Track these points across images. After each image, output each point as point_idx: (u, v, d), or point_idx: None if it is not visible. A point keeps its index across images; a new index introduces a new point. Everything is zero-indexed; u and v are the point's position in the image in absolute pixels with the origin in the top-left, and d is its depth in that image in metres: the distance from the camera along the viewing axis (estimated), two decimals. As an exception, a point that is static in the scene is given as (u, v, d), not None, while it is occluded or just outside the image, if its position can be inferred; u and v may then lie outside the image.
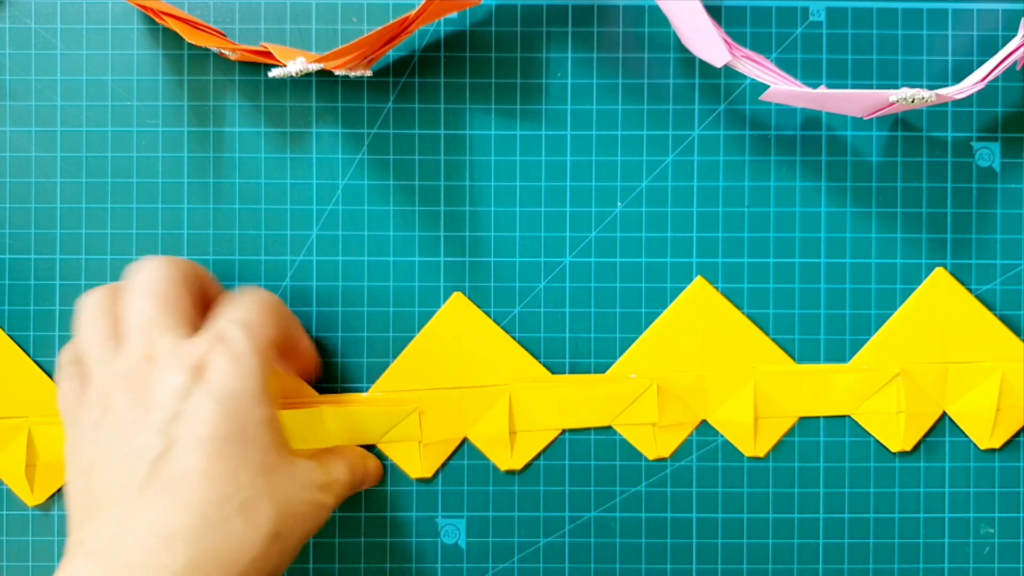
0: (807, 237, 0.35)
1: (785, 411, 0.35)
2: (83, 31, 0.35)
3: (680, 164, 0.35)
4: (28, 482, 0.34)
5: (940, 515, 0.35)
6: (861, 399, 0.35)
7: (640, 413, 0.35)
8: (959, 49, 0.35)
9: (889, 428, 0.35)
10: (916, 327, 0.35)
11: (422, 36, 0.35)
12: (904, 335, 0.35)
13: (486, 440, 0.35)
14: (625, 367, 0.35)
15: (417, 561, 0.35)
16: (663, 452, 0.35)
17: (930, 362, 0.35)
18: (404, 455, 0.35)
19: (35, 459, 0.34)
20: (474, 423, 0.35)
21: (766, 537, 0.35)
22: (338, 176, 0.35)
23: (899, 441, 0.35)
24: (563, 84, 0.35)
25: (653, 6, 0.35)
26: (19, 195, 0.35)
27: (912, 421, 0.35)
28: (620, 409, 0.35)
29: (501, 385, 0.35)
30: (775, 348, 0.35)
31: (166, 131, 0.35)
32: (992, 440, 0.35)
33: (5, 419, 0.34)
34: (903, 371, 0.35)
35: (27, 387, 0.35)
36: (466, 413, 0.35)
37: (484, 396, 0.35)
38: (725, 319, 0.35)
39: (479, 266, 0.35)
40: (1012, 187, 0.35)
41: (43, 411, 0.35)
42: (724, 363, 0.35)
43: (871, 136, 0.35)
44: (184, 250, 0.35)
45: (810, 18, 0.35)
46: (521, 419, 0.35)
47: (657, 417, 0.34)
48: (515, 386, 0.35)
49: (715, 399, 0.35)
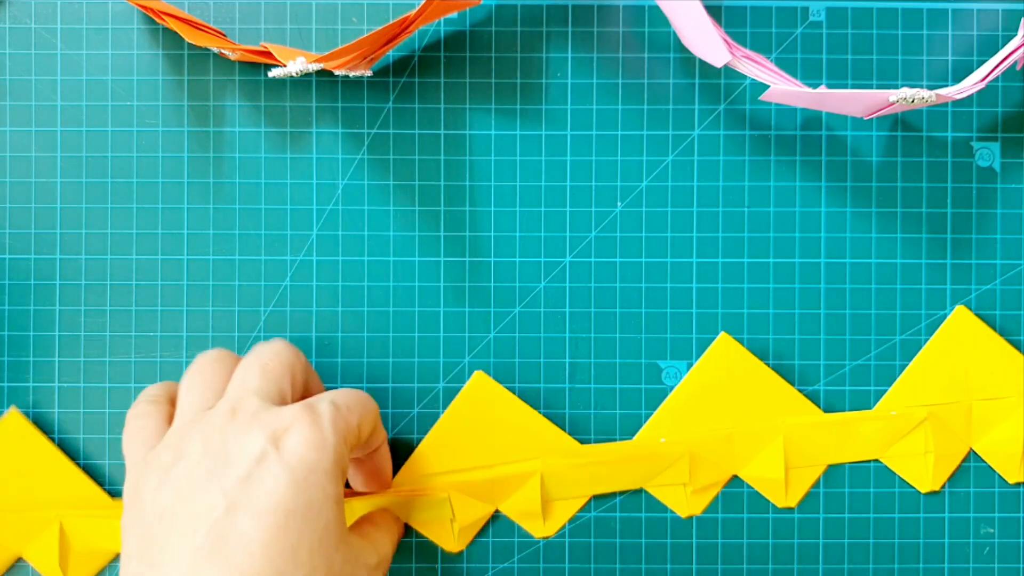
0: (807, 237, 0.35)
1: (815, 460, 0.35)
2: (83, 31, 0.35)
3: (680, 164, 0.35)
4: (63, 572, 0.34)
5: (940, 515, 0.35)
6: (889, 443, 0.35)
7: (672, 476, 0.35)
8: (959, 49, 0.35)
9: (917, 469, 0.35)
10: (939, 367, 0.35)
11: (422, 36, 0.35)
12: (928, 375, 0.35)
13: (519, 513, 0.35)
14: (654, 430, 0.35)
15: (417, 561, 0.35)
16: (695, 510, 0.35)
17: (955, 401, 0.35)
18: (437, 532, 0.35)
19: (68, 550, 0.34)
20: (505, 498, 0.35)
21: (766, 537, 0.35)
22: (338, 176, 0.35)
23: (928, 482, 0.35)
24: (563, 84, 0.35)
25: (653, 6, 0.35)
26: (19, 195, 0.35)
27: (940, 462, 0.35)
28: (653, 474, 0.35)
29: (532, 461, 0.34)
30: (802, 399, 0.35)
31: (166, 131, 0.35)
32: (1021, 473, 0.35)
33: (36, 512, 0.34)
34: (931, 414, 0.35)
35: (57, 478, 0.34)
36: (496, 490, 0.35)
37: (515, 473, 0.34)
38: (751, 373, 0.35)
39: (479, 266, 0.35)
40: (1012, 187, 0.35)
41: (74, 503, 0.34)
42: (752, 418, 0.35)
43: (871, 136, 0.35)
44: (184, 250, 0.35)
45: (810, 18, 0.35)
46: (553, 490, 0.35)
47: (688, 479, 0.35)
48: (546, 461, 0.34)
49: (744, 454, 0.35)
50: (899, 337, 0.35)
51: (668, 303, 0.35)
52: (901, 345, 0.35)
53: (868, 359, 0.35)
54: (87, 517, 0.34)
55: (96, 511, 0.34)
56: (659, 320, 0.35)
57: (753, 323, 0.35)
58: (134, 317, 0.35)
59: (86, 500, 0.34)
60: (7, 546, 0.34)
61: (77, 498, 0.34)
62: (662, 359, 0.35)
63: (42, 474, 0.34)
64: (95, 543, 0.34)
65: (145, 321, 0.35)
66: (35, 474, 0.34)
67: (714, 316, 0.35)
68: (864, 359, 0.35)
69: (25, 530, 0.34)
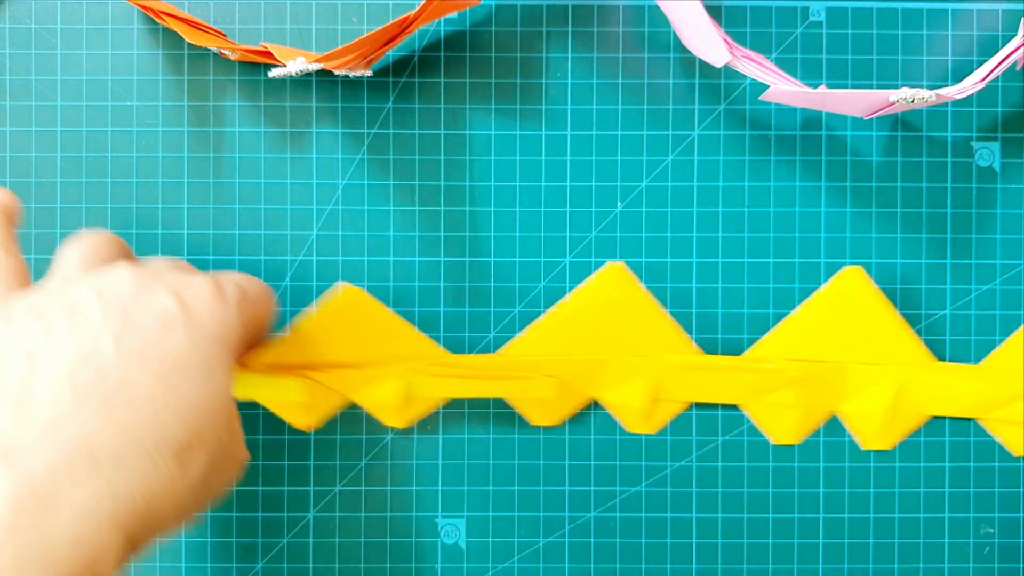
0: (807, 237, 0.35)
1: (680, 396, 0.35)
2: (83, 31, 0.35)
3: (680, 164, 0.35)
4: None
5: (940, 515, 0.35)
6: (758, 393, 0.35)
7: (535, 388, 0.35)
8: (959, 49, 0.35)
9: (777, 422, 0.35)
10: (821, 323, 0.35)
11: (422, 36, 0.35)
12: (809, 330, 0.35)
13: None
14: (525, 347, 0.35)
15: (417, 561, 0.35)
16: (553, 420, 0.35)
17: (831, 360, 0.35)
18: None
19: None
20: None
21: (766, 537, 0.35)
22: (338, 176, 0.35)
23: (785, 435, 0.35)
24: (563, 84, 0.35)
25: (653, 6, 0.35)
26: (19, 195, 0.35)
27: (804, 418, 0.35)
28: (516, 388, 0.35)
29: (401, 366, 0.34)
30: (682, 337, 0.35)
31: (166, 131, 0.35)
32: (879, 442, 0.35)
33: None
34: (805, 371, 0.34)
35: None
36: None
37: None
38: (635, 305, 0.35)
39: (479, 266, 0.35)
40: (1012, 187, 0.35)
41: (416, 356, 0.35)
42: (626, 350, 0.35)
43: (871, 136, 0.35)
44: (184, 250, 0.35)
45: (810, 18, 0.35)
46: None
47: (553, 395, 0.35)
48: (415, 366, 0.34)
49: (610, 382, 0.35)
50: (899, 337, 0.35)
51: (668, 303, 0.35)
52: (901, 345, 0.35)
53: (868, 359, 0.35)
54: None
55: None
56: (659, 320, 0.35)
57: (753, 323, 0.35)
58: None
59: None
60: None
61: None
62: (662, 359, 0.35)
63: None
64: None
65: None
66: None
67: (714, 316, 0.35)
68: (864, 359, 0.35)
69: None
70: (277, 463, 0.35)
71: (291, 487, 0.35)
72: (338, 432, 0.35)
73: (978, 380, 0.35)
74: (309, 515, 0.35)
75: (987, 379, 0.35)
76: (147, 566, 0.35)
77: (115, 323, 0.27)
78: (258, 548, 0.35)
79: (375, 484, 0.35)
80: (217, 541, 0.35)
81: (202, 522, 0.35)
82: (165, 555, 0.35)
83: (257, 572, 0.35)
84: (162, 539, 0.27)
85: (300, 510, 0.35)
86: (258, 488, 0.35)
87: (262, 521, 0.35)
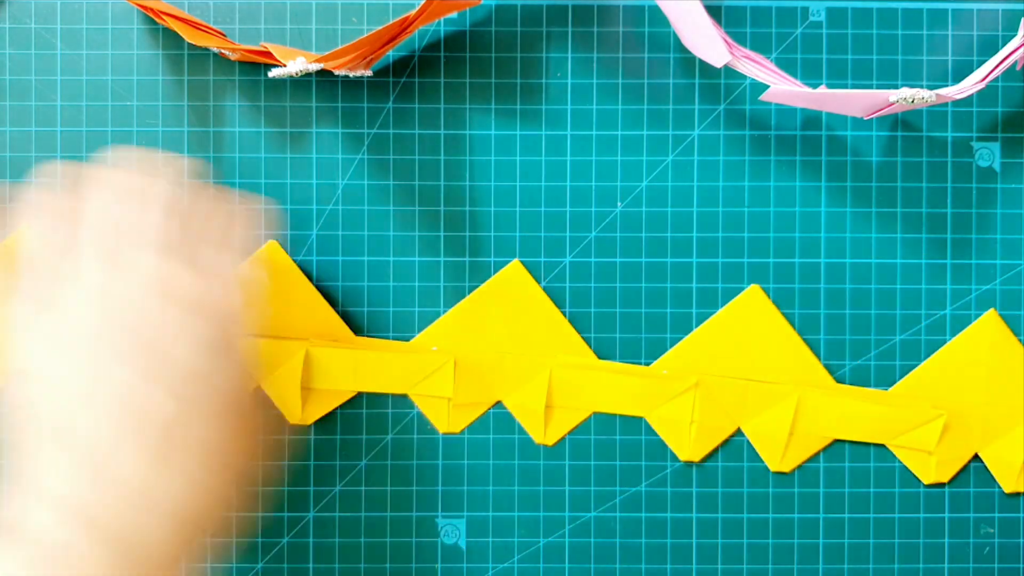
0: (807, 237, 0.35)
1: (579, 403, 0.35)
2: (83, 31, 0.35)
3: (680, 164, 0.35)
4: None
5: (940, 515, 0.35)
6: (658, 404, 0.35)
7: None
8: (959, 49, 0.35)
9: (681, 436, 0.35)
10: (722, 337, 0.35)
11: (422, 36, 0.35)
12: (712, 344, 0.35)
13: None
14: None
15: (417, 561, 0.35)
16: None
17: (730, 377, 0.35)
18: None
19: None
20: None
21: (766, 537, 0.35)
22: (338, 176, 0.35)
23: (688, 451, 0.35)
24: (563, 84, 0.35)
25: (653, 6, 0.35)
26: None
27: (704, 432, 0.35)
28: (416, 380, 0.35)
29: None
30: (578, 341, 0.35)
31: (166, 131, 0.35)
32: (783, 464, 0.35)
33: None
34: (700, 382, 0.35)
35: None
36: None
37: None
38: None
39: (479, 266, 0.35)
40: (1012, 187, 0.35)
41: (319, 334, 0.35)
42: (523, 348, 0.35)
43: (871, 136, 0.35)
44: (184, 250, 0.35)
45: (810, 18, 0.35)
46: (317, 378, 0.35)
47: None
48: (313, 342, 0.34)
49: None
50: (899, 337, 0.35)
51: (668, 303, 0.35)
52: (901, 345, 0.35)
53: (868, 359, 0.35)
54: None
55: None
56: (659, 320, 0.35)
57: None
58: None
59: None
60: None
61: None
62: (662, 359, 0.35)
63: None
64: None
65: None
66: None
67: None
68: (864, 359, 0.35)
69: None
70: (276, 463, 0.35)
71: (291, 487, 0.35)
72: (338, 432, 0.35)
73: (881, 405, 0.35)
74: (309, 515, 0.35)
75: (890, 404, 0.35)
76: (147, 566, 0.35)
77: None
78: (258, 548, 0.35)
79: (375, 484, 0.35)
80: (217, 541, 0.35)
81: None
82: (165, 555, 0.35)
83: (257, 572, 0.35)
84: None
85: (300, 510, 0.35)
86: (258, 488, 0.35)
87: (262, 521, 0.35)
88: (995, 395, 0.35)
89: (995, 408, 0.35)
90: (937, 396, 0.35)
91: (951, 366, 0.35)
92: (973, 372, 0.35)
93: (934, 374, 0.35)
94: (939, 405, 0.35)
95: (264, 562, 0.35)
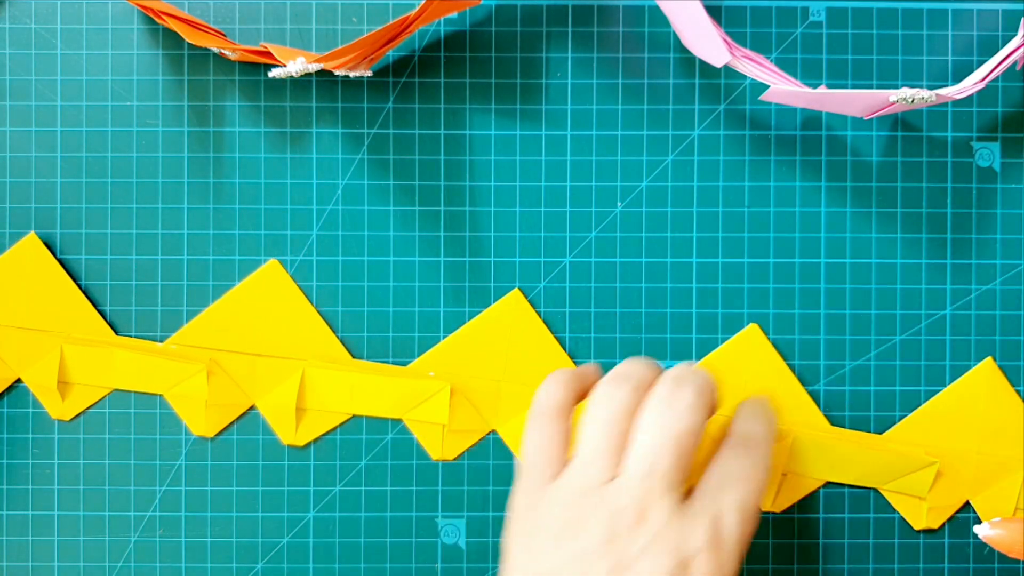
0: (807, 237, 0.35)
1: None
2: (83, 31, 0.35)
3: (680, 164, 0.35)
4: (60, 398, 0.35)
5: (940, 515, 0.35)
6: None
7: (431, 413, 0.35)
8: (959, 49, 0.35)
9: None
10: (722, 374, 0.35)
11: (422, 36, 0.35)
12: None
13: (273, 411, 0.35)
14: None
15: (417, 561, 0.35)
16: None
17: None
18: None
19: (67, 377, 0.35)
20: (264, 393, 0.35)
21: (766, 537, 0.35)
22: (338, 176, 0.35)
23: None
24: (563, 84, 0.35)
25: (653, 6, 0.35)
26: (19, 195, 0.35)
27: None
28: (412, 405, 0.35)
29: (296, 360, 0.35)
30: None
31: (166, 131, 0.35)
32: (769, 504, 0.35)
33: (39, 331, 0.35)
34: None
35: (62, 305, 0.35)
36: (257, 382, 0.35)
37: (278, 368, 0.35)
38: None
39: (479, 266, 0.35)
40: (1012, 187, 0.35)
41: (76, 329, 0.35)
42: None
43: (871, 136, 0.35)
44: (184, 250, 0.35)
45: (810, 18, 0.35)
46: (312, 398, 0.35)
47: None
48: (311, 363, 0.35)
49: None
50: (899, 337, 0.35)
51: (668, 303, 0.35)
52: (901, 345, 0.35)
53: (868, 359, 0.35)
54: (88, 346, 0.35)
55: (97, 339, 0.35)
56: (659, 320, 0.35)
57: (754, 322, 0.35)
58: (134, 317, 0.35)
59: (89, 329, 0.35)
60: (8, 364, 0.35)
61: (81, 326, 0.35)
62: (662, 359, 0.35)
63: (48, 299, 0.35)
64: (93, 374, 0.35)
65: (145, 321, 0.35)
66: (42, 297, 0.35)
67: (714, 316, 0.35)
68: (864, 359, 0.35)
69: (27, 351, 0.35)
70: (277, 463, 0.35)
71: (291, 487, 0.35)
72: (338, 432, 0.35)
73: (874, 450, 0.35)
74: (309, 515, 0.35)
75: (884, 449, 0.35)
76: (147, 566, 0.35)
77: None
78: (258, 548, 0.35)
79: (375, 484, 0.35)
80: (217, 541, 0.35)
81: (201, 524, 0.35)
82: (165, 555, 0.35)
83: (257, 572, 0.35)
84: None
85: (300, 510, 0.35)
86: (258, 488, 0.35)
87: (262, 521, 0.35)
88: (989, 443, 0.35)
89: (988, 456, 0.35)
90: (931, 443, 0.35)
91: (946, 413, 0.35)
92: (968, 420, 0.35)
93: (929, 420, 0.35)
94: (933, 452, 0.35)
95: (264, 562, 0.35)
